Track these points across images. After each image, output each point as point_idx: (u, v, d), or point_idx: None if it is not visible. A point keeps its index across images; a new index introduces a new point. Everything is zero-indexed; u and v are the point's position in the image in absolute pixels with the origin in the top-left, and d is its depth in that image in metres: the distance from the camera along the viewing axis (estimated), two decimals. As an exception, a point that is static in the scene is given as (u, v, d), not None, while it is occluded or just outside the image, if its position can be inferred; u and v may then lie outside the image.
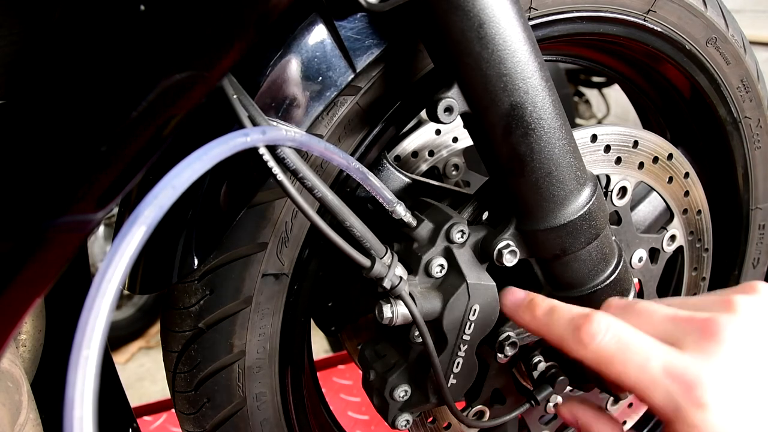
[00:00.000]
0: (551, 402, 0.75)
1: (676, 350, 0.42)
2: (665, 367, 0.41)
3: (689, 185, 0.76)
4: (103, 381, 0.73)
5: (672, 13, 0.71)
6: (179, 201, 0.35)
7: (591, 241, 0.58)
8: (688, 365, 0.40)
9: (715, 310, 0.43)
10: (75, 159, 0.37)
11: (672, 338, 0.43)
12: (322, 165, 0.60)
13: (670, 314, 0.45)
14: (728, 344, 0.41)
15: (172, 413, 1.42)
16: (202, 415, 0.65)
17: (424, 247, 0.59)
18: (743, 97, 0.81)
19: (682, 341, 0.42)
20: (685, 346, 0.42)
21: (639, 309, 0.47)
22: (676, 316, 0.44)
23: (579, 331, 0.45)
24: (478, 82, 0.52)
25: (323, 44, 0.54)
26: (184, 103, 0.39)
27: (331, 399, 1.39)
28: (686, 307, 0.45)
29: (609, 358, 0.43)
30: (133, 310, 2.74)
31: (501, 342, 0.64)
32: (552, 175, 0.55)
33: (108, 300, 0.30)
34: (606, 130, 0.68)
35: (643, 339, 0.43)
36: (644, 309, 0.46)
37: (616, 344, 0.43)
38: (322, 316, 0.84)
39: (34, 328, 0.71)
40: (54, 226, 0.38)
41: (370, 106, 0.60)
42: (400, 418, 0.63)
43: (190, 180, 0.35)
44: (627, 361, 0.42)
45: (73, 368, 0.29)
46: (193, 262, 0.57)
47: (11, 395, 0.58)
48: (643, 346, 0.42)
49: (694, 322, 0.43)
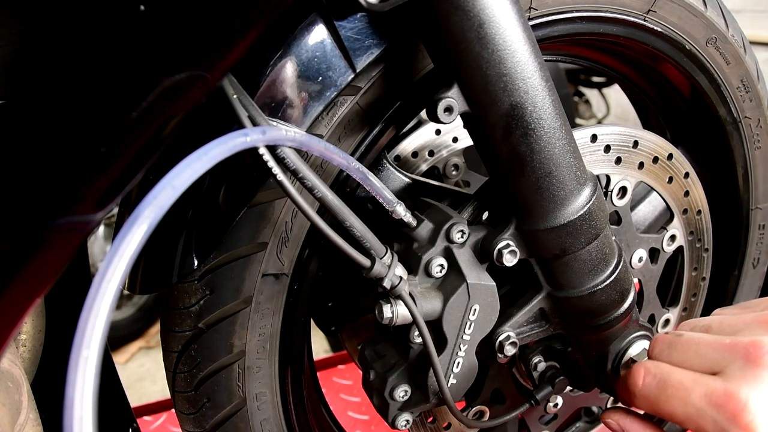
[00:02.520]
0: (551, 402, 0.75)
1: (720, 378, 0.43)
2: (708, 397, 0.42)
3: (689, 185, 0.76)
4: (103, 381, 0.73)
5: (672, 13, 0.71)
6: (179, 201, 0.35)
7: (591, 241, 0.58)
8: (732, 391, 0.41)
9: (757, 330, 0.45)
10: (75, 159, 0.37)
11: (718, 367, 0.44)
12: (322, 165, 0.60)
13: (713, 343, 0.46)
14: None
15: (172, 413, 1.42)
16: (202, 415, 0.65)
17: (424, 247, 0.59)
18: (743, 97, 0.81)
19: (728, 369, 0.43)
20: (730, 374, 0.43)
21: (684, 342, 0.48)
22: (720, 344, 0.45)
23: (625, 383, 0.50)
24: (478, 82, 0.52)
25: (323, 44, 0.54)
26: (184, 103, 0.39)
27: (331, 399, 1.39)
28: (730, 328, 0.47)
29: (655, 399, 0.46)
30: (133, 310, 2.74)
31: (501, 342, 0.64)
32: (552, 175, 0.55)
33: (108, 300, 0.30)
34: (606, 130, 0.68)
35: (682, 374, 0.45)
36: (689, 341, 0.48)
37: (657, 385, 0.46)
38: (322, 316, 0.84)
39: (34, 328, 0.71)
40: (54, 226, 0.38)
41: (370, 106, 0.60)
42: (400, 418, 0.63)
43: (190, 180, 0.35)
44: (670, 398, 0.44)
45: (73, 368, 0.29)
46: (193, 262, 0.57)
47: (11, 395, 0.58)
48: (683, 380, 0.44)
49: (738, 348, 0.44)
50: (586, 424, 0.87)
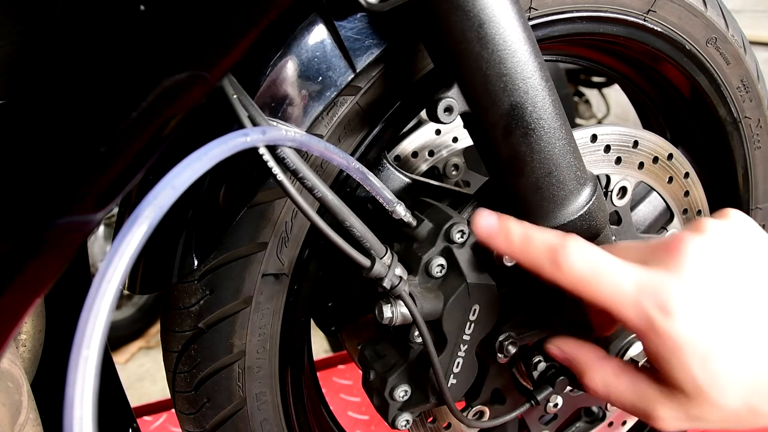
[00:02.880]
0: (551, 402, 0.75)
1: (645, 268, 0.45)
2: (635, 283, 0.44)
3: (689, 185, 0.76)
4: (103, 381, 0.73)
5: (672, 13, 0.71)
6: (179, 201, 0.35)
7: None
8: (655, 278, 0.43)
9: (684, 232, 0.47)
10: (75, 159, 0.37)
11: (643, 260, 0.46)
12: (322, 165, 0.60)
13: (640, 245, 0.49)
14: (692, 257, 0.44)
15: (172, 413, 1.42)
16: (202, 415, 0.65)
17: (424, 247, 0.59)
18: (743, 97, 0.81)
19: (652, 260, 0.45)
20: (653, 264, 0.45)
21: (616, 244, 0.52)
22: (648, 244, 0.48)
23: (554, 257, 0.47)
24: (478, 82, 0.52)
25: (323, 44, 0.54)
26: (184, 103, 0.39)
27: (331, 399, 1.39)
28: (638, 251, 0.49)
29: (583, 280, 0.46)
30: (133, 310, 2.75)
31: (501, 342, 0.64)
32: (552, 175, 0.55)
33: (108, 300, 0.30)
34: (606, 130, 0.68)
35: (615, 261, 0.46)
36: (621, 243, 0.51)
37: (590, 267, 0.46)
38: (322, 316, 0.84)
39: (34, 328, 0.71)
40: (54, 226, 0.38)
41: (370, 106, 0.60)
42: (400, 418, 0.63)
43: (190, 180, 0.35)
44: (600, 282, 0.45)
45: (73, 368, 0.29)
46: (193, 262, 0.57)
47: (11, 395, 0.58)
48: (615, 267, 0.45)
49: (663, 243, 0.46)
50: (586, 424, 0.87)
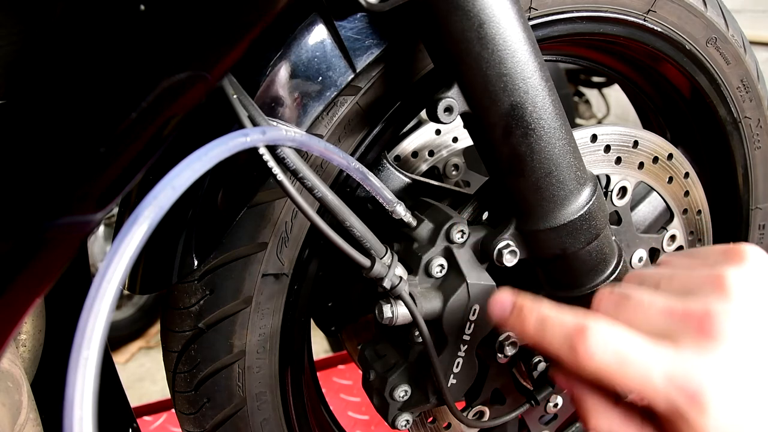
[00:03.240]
0: (551, 402, 0.75)
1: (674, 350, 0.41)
2: (665, 373, 0.41)
3: (689, 185, 0.76)
4: (103, 381, 0.73)
5: (672, 13, 0.71)
6: (179, 201, 0.35)
7: (591, 241, 0.58)
8: (686, 364, 0.40)
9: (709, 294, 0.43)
10: (75, 159, 0.37)
11: (669, 333, 0.43)
12: (322, 165, 0.60)
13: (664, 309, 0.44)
14: (726, 341, 0.40)
15: (172, 413, 1.42)
16: (202, 415, 0.65)
17: (424, 247, 0.59)
18: (743, 97, 0.81)
19: (680, 338, 0.42)
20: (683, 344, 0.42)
21: (633, 305, 0.46)
22: (672, 311, 0.44)
23: (574, 343, 0.44)
24: (478, 82, 0.52)
25: (323, 44, 0.54)
26: (184, 103, 0.39)
27: (331, 399, 1.39)
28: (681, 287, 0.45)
29: (608, 370, 0.43)
30: (133, 310, 2.74)
31: (501, 342, 0.64)
32: (552, 175, 0.55)
33: (108, 300, 0.30)
34: (606, 130, 0.68)
35: (641, 345, 0.42)
36: (638, 304, 0.45)
37: (613, 355, 0.42)
38: (322, 316, 0.84)
39: (34, 328, 0.71)
40: (54, 226, 0.38)
41: (370, 106, 0.60)
42: (400, 418, 0.63)
43: (190, 180, 0.35)
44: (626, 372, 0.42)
45: (73, 368, 0.29)
46: (193, 262, 0.57)
47: (11, 395, 0.58)
48: (641, 353, 0.42)
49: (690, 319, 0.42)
50: (586, 424, 0.87)
